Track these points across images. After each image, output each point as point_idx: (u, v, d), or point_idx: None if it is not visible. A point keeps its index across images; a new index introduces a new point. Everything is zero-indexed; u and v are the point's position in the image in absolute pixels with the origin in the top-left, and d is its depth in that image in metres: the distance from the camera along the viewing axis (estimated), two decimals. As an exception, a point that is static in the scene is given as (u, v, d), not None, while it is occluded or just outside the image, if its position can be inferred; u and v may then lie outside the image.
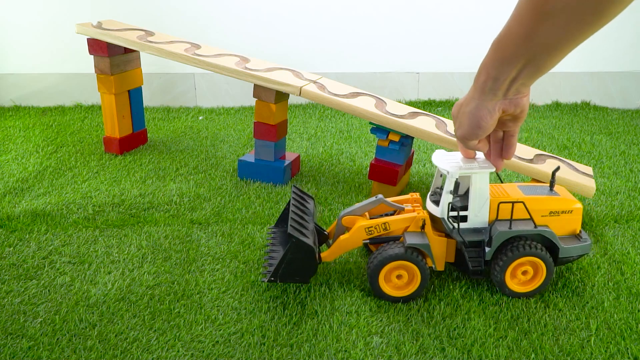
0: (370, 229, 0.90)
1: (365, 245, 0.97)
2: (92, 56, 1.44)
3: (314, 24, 2.04)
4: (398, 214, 0.94)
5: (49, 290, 0.92)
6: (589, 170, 1.19)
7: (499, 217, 0.89)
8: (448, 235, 0.90)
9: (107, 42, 1.40)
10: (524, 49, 0.54)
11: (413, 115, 1.23)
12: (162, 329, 0.83)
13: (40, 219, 1.15)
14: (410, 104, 2.10)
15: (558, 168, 0.93)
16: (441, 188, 0.90)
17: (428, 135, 1.18)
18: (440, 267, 0.92)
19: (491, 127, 0.68)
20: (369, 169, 1.26)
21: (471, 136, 0.70)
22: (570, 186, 1.10)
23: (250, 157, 1.38)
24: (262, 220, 1.16)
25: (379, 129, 1.22)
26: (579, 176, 1.13)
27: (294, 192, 0.99)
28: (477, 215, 0.88)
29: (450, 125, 1.23)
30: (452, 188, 0.86)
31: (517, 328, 0.84)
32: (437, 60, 2.10)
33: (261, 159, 1.36)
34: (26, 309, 0.87)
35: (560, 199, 0.90)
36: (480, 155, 0.85)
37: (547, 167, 1.13)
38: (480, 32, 2.07)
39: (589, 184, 1.11)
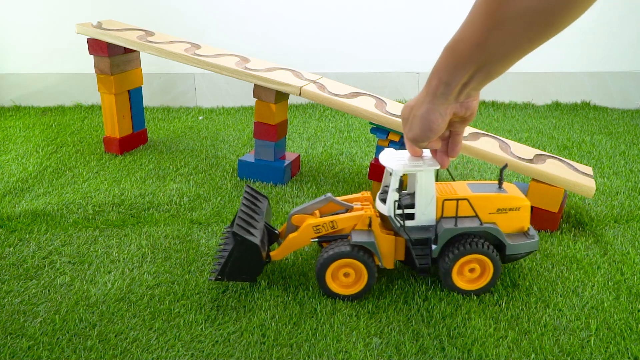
0: (317, 228, 0.91)
1: (319, 243, 0.98)
2: (92, 56, 1.44)
3: (314, 24, 2.04)
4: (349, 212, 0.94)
5: (49, 290, 0.92)
6: (589, 170, 1.19)
7: (446, 215, 0.89)
8: (397, 234, 0.91)
9: (107, 42, 1.40)
10: (476, 56, 0.55)
11: (413, 115, 1.23)
12: (162, 328, 0.83)
13: (40, 219, 1.15)
14: (410, 104, 2.09)
15: (506, 165, 0.93)
16: (386, 186, 0.91)
17: (428, 135, 1.17)
18: (388, 265, 0.92)
19: (442, 129, 0.69)
20: (368, 169, 1.26)
21: (422, 139, 0.71)
22: (570, 186, 1.10)
23: (250, 157, 1.38)
24: (262, 220, 1.17)
25: (379, 129, 1.22)
26: (579, 176, 1.13)
27: (246, 191, 1.00)
28: (424, 213, 0.89)
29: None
30: (397, 186, 0.86)
31: (517, 328, 0.84)
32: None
33: (261, 159, 1.36)
34: (26, 308, 0.87)
35: (507, 197, 0.90)
36: (427, 153, 0.86)
37: (547, 167, 1.13)
38: (480, 32, 2.06)
39: (589, 184, 1.11)
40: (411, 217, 0.89)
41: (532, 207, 1.13)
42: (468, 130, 1.23)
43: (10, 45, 2.02)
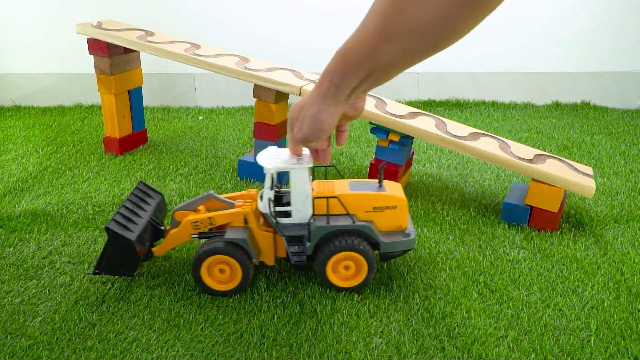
0: (196, 224, 0.92)
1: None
2: (92, 56, 1.44)
3: (314, 24, 2.04)
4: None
5: (48, 290, 0.92)
6: (589, 170, 1.19)
7: (322, 213, 0.90)
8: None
9: (107, 42, 1.40)
10: (366, 64, 0.56)
11: (413, 115, 1.23)
12: (161, 328, 0.83)
13: (40, 219, 1.15)
14: (410, 104, 2.10)
15: (384, 164, 0.94)
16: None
17: (428, 135, 1.18)
18: (269, 261, 0.93)
19: (332, 129, 0.71)
20: (368, 169, 1.26)
21: (312, 138, 0.72)
22: (570, 186, 1.10)
23: (250, 157, 1.38)
24: (262, 220, 1.17)
25: (379, 129, 1.22)
26: (579, 176, 1.13)
27: (136, 187, 1.00)
28: (300, 210, 0.89)
29: (450, 125, 1.23)
30: (269, 183, 0.87)
31: (517, 327, 0.84)
32: (437, 60, 2.10)
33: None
34: (26, 308, 0.87)
35: (384, 195, 0.90)
36: (306, 151, 0.87)
37: (547, 167, 1.13)
38: (480, 32, 2.06)
39: (589, 184, 1.11)
40: (289, 214, 0.90)
41: (532, 207, 1.13)
42: (468, 130, 1.23)
43: (10, 45, 2.02)
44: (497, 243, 1.09)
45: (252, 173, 1.36)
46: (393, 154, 1.23)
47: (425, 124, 1.20)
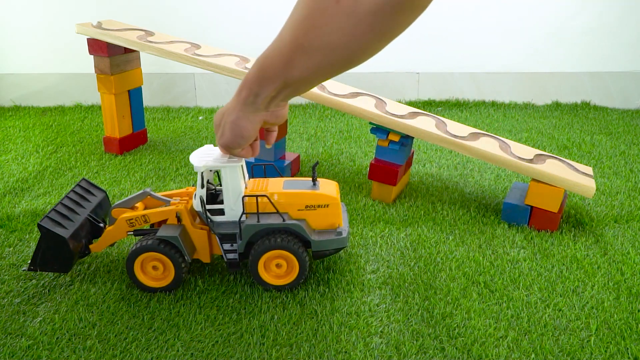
0: (131, 221, 0.92)
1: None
2: (92, 56, 1.44)
3: (314, 24, 2.04)
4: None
5: (48, 290, 0.92)
6: (589, 170, 1.19)
7: (257, 211, 0.90)
8: None
9: (107, 42, 1.40)
10: (283, 74, 0.57)
11: (413, 115, 1.23)
12: (161, 328, 0.83)
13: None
14: (410, 104, 2.10)
15: (317, 163, 0.94)
16: (207, 182, 0.93)
17: (428, 135, 1.17)
18: (204, 259, 0.94)
19: (253, 136, 0.72)
20: (369, 169, 1.26)
21: (234, 145, 0.74)
22: (570, 186, 1.10)
23: (250, 157, 1.38)
24: (262, 220, 1.16)
25: (379, 129, 1.22)
26: (579, 176, 1.13)
27: (79, 184, 1.00)
28: (233, 208, 0.90)
29: (450, 125, 1.23)
30: (200, 182, 0.88)
31: (517, 328, 0.84)
32: (437, 60, 2.10)
33: (261, 159, 1.36)
34: (26, 308, 0.87)
35: (316, 194, 0.91)
36: None
37: (547, 167, 1.13)
38: (480, 32, 2.07)
39: (589, 184, 1.11)
40: (223, 212, 0.91)
41: (532, 207, 1.13)
42: (468, 130, 1.23)
43: (10, 45, 2.02)
44: (497, 243, 1.09)
45: (252, 173, 1.36)
46: (393, 154, 1.23)
47: (425, 124, 1.20)
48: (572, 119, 1.94)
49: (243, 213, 0.89)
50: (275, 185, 0.93)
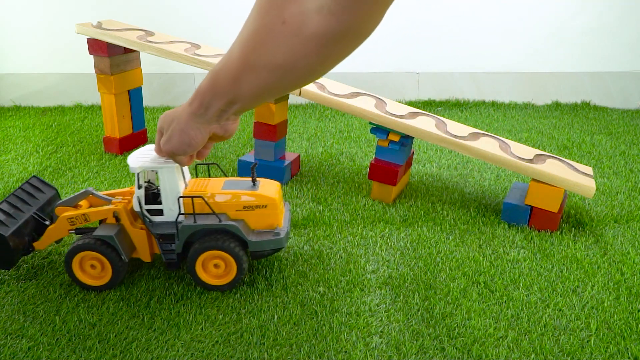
0: (72, 220, 0.93)
1: None
2: (92, 56, 1.44)
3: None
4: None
5: (48, 290, 0.92)
6: (589, 170, 1.19)
7: (193, 212, 0.90)
8: None
9: (107, 42, 1.40)
10: (232, 89, 0.57)
11: (413, 115, 1.23)
12: (161, 328, 0.83)
13: (40, 219, 1.15)
14: (410, 104, 2.10)
15: (256, 163, 0.95)
16: (146, 182, 0.93)
17: (428, 135, 1.17)
18: (145, 258, 0.94)
19: (200, 145, 0.72)
20: (369, 169, 1.26)
21: (180, 152, 0.74)
22: (570, 186, 1.10)
23: (250, 157, 1.38)
24: (262, 220, 1.16)
25: (379, 129, 1.22)
26: (579, 176, 1.13)
27: (28, 181, 1.01)
28: (172, 209, 0.90)
29: (450, 125, 1.23)
30: (137, 182, 0.88)
31: (517, 328, 0.84)
32: (437, 60, 2.10)
33: (261, 159, 1.36)
34: (26, 309, 0.87)
35: (254, 194, 0.91)
36: None
37: (547, 167, 1.13)
38: (480, 32, 2.07)
39: (589, 184, 1.11)
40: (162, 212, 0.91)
41: (532, 207, 1.13)
42: (468, 130, 1.23)
43: (10, 45, 2.02)
44: (497, 243, 1.09)
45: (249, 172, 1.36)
46: (393, 154, 1.23)
47: (425, 124, 1.20)
48: (572, 119, 1.94)
49: (180, 214, 0.90)
50: (215, 186, 0.93)
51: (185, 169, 0.94)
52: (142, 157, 0.88)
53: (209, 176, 1.00)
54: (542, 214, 1.13)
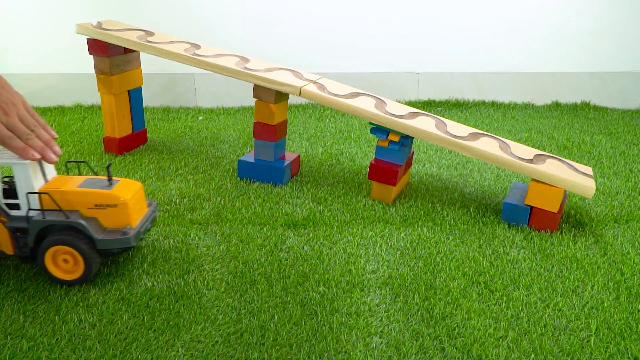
0: None
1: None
2: (92, 56, 1.44)
3: (314, 24, 2.05)
4: None
5: (48, 291, 0.92)
6: (588, 170, 1.19)
7: (41, 208, 0.91)
8: None
9: (107, 42, 1.40)
10: None
11: (413, 115, 1.23)
12: (161, 329, 0.83)
13: (40, 219, 1.15)
14: (410, 104, 2.10)
15: (110, 164, 0.96)
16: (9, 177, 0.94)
17: (428, 135, 1.17)
18: (7, 250, 0.95)
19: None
20: (368, 169, 1.26)
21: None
22: (570, 186, 1.10)
23: (250, 157, 1.38)
24: (261, 220, 1.16)
25: (379, 129, 1.22)
26: (578, 176, 1.13)
27: None
28: (27, 203, 0.92)
29: (450, 125, 1.23)
30: None
31: (517, 328, 0.84)
32: (437, 60, 2.10)
33: (261, 159, 1.36)
34: (26, 309, 0.87)
35: (105, 193, 0.92)
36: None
37: (547, 167, 1.13)
38: (480, 32, 2.07)
39: (589, 184, 1.11)
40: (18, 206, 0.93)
41: (532, 207, 1.13)
42: (468, 130, 1.23)
43: (10, 45, 2.02)
44: (497, 243, 1.09)
45: (252, 173, 1.36)
46: (393, 154, 1.24)
47: (425, 124, 1.20)
48: (572, 119, 1.94)
49: (30, 209, 0.91)
50: (72, 183, 0.95)
51: (51, 166, 0.96)
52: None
53: (80, 174, 1.01)
54: (542, 214, 1.13)
